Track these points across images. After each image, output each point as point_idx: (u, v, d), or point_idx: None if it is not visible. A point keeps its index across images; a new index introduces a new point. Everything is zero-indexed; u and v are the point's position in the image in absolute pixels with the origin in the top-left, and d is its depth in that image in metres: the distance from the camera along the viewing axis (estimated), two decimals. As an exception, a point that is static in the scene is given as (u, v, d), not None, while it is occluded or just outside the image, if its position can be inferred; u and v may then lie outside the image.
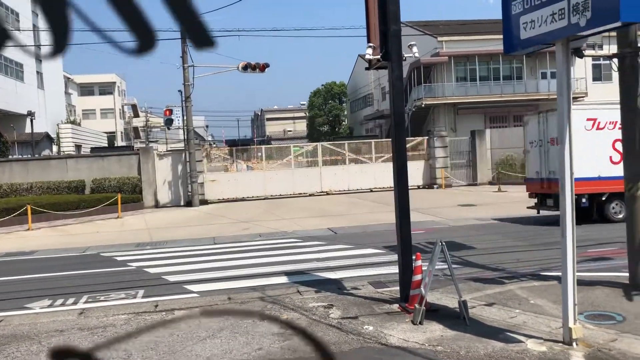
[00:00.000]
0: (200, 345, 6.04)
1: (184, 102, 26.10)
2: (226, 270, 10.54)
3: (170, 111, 28.17)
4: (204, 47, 0.85)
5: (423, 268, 7.00)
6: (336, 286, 8.69)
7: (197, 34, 0.84)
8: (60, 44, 0.81)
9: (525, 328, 6.17)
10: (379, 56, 7.46)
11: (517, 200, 19.32)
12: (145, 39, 0.82)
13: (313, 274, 9.84)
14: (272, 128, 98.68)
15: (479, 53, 38.03)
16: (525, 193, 16.01)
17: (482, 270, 9.46)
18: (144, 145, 36.96)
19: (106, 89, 66.65)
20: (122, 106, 70.14)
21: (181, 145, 35.80)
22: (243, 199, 26.68)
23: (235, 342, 6.10)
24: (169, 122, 28.86)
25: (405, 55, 7.44)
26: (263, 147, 29.27)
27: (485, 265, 9.84)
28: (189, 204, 25.34)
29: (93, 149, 32.82)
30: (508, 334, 5.99)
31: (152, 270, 10.83)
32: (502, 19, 5.99)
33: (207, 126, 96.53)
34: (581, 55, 6.50)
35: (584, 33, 5.22)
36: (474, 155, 29.54)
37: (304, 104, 79.72)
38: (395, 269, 8.17)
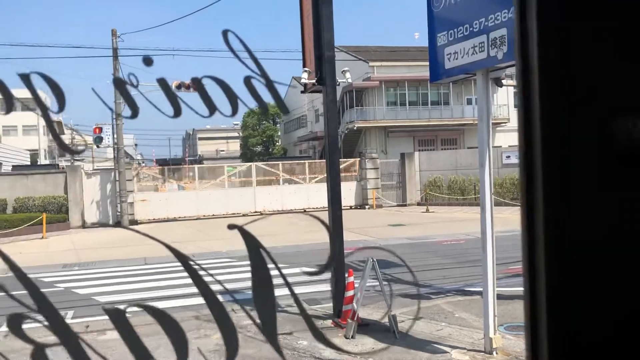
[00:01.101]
0: (134, 364, 6.01)
1: (114, 120, 25.54)
2: (159, 290, 10.43)
3: (100, 129, 27.47)
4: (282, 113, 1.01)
5: (355, 285, 7.29)
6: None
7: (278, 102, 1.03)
8: None
9: (450, 340, 6.55)
10: (314, 80, 7.79)
11: (444, 220, 20.14)
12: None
13: (247, 292, 9.88)
14: (204, 147, 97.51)
15: (408, 79, 39.51)
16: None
17: (411, 286, 9.87)
18: (70, 164, 35.67)
19: (29, 104, 63.81)
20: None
21: (108, 164, 34.83)
22: (175, 219, 26.26)
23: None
24: (98, 140, 28.11)
25: (339, 80, 7.80)
26: (196, 166, 28.99)
27: (414, 281, 10.27)
28: (118, 224, 24.66)
29: (15, 167, 31.36)
30: (435, 345, 6.35)
31: (81, 291, 10.55)
32: (429, 50, 6.46)
33: (136, 145, 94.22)
34: (500, 85, 7.07)
35: (502, 65, 5.74)
36: (403, 177, 30.52)
37: (237, 124, 79.53)
38: (328, 287, 8.42)
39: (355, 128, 38.69)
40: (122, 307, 0.84)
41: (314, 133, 47.20)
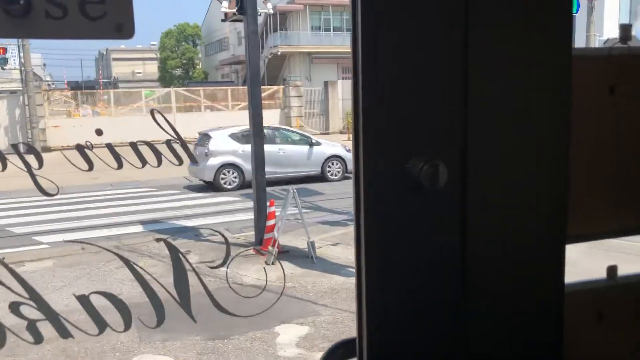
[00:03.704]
0: (56, 294, 6.07)
1: (20, 40, 23.70)
2: (78, 220, 10.30)
3: (4, 49, 25.43)
4: None
5: (276, 213, 7.56)
6: (193, 233, 8.99)
7: None
8: None
9: (364, 264, 7.06)
10: (234, 10, 7.65)
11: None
12: None
13: (169, 222, 10.01)
14: (119, 69, 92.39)
15: (333, 3, 38.92)
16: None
17: (330, 214, 10.32)
18: (-29, 85, 32.94)
19: None
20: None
21: (13, 85, 32.58)
22: (88, 147, 25.32)
23: (93, 289, 6.22)
24: (2, 62, 26.07)
25: (260, 10, 7.70)
26: (111, 91, 27.78)
27: (333, 209, 10.73)
28: (30, 150, 23.50)
29: None
30: (349, 269, 6.81)
31: (-7, 223, 10.23)
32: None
33: (44, 65, 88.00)
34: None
35: None
36: (326, 105, 30.76)
37: (154, 45, 75.67)
38: (250, 215, 8.66)
39: (279, 53, 38.03)
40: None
41: (237, 57, 45.94)
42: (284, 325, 5.34)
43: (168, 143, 0.90)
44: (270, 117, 27.47)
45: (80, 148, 0.92)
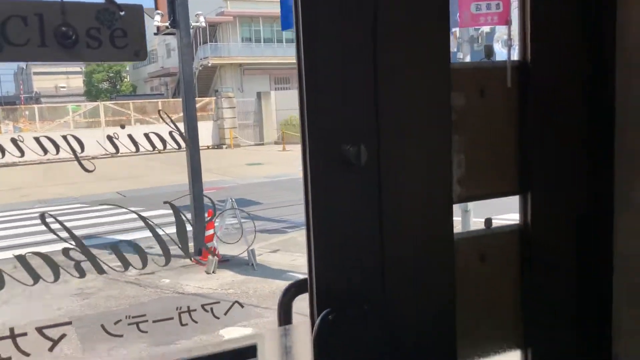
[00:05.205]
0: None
1: None
2: (7, 239, 9.98)
3: None
4: None
5: (215, 224, 7.69)
6: (130, 247, 8.93)
7: None
8: None
9: (304, 268, 7.29)
10: (167, 23, 7.74)
11: (300, 158, 21.03)
12: None
13: (105, 237, 9.88)
14: (41, 84, 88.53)
15: (263, 15, 39.17)
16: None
17: (269, 222, 10.50)
18: None
19: None
20: None
21: None
22: (14, 164, 24.29)
23: (32, 306, 6.13)
24: None
25: (192, 24, 7.83)
26: (35, 106, 26.77)
27: (272, 218, 10.92)
28: (-54, 171, 22.26)
29: None
30: (290, 273, 7.04)
31: None
32: (280, 3, 6.77)
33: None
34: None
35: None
36: (260, 116, 30.89)
37: (80, 58, 73.05)
38: (189, 227, 8.71)
39: (209, 64, 37.77)
40: None
41: (166, 69, 45.19)
42: (229, 329, 5.49)
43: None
44: (203, 129, 27.30)
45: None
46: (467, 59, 7.40)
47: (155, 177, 18.41)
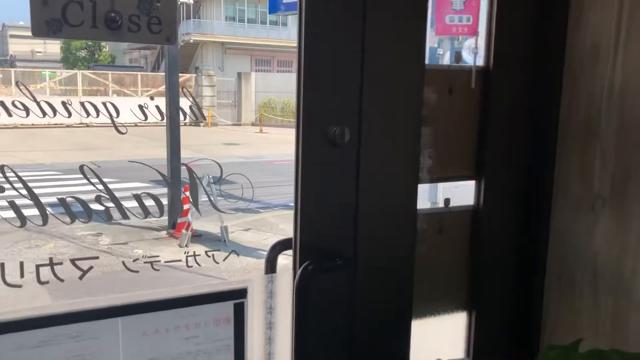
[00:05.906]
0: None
1: None
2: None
3: None
4: None
5: (190, 199, 7.82)
6: (105, 216, 9.00)
7: None
8: None
9: (274, 247, 7.51)
10: None
11: (276, 141, 21.19)
12: None
13: (79, 205, 9.92)
14: (16, 47, 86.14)
15: (248, -5, 38.87)
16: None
17: (242, 201, 10.67)
18: None
19: None
20: None
21: None
22: (-14, 127, 23.85)
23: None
24: None
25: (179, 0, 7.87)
26: (12, 70, 26.24)
27: (246, 198, 11.06)
28: None
29: None
30: (260, 251, 7.24)
31: None
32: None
33: None
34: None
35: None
36: (239, 97, 30.84)
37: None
38: (164, 201, 8.82)
39: (191, 41, 37.42)
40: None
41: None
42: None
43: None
44: (182, 106, 27.07)
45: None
46: (447, 55, 7.68)
47: (129, 150, 18.33)
